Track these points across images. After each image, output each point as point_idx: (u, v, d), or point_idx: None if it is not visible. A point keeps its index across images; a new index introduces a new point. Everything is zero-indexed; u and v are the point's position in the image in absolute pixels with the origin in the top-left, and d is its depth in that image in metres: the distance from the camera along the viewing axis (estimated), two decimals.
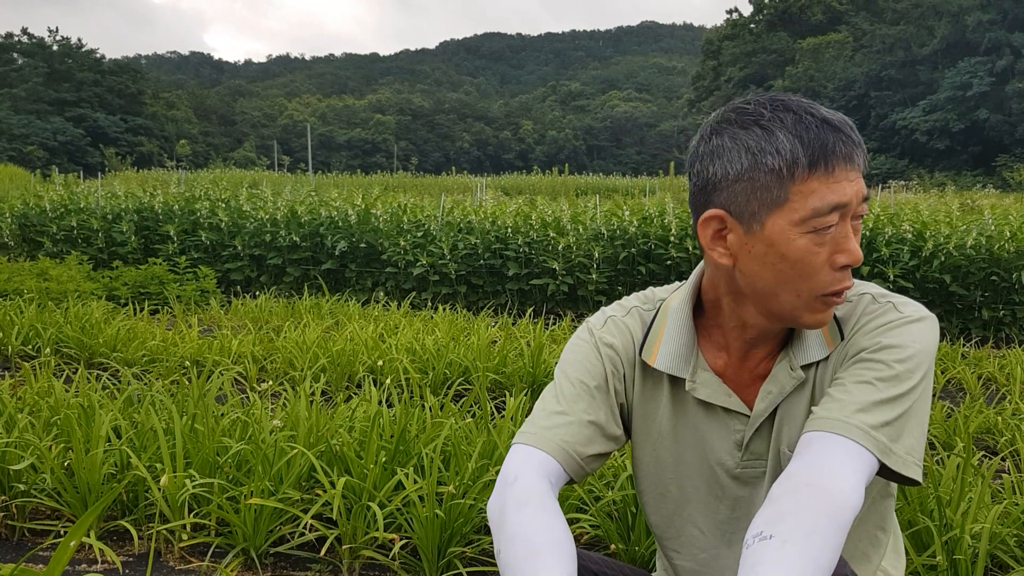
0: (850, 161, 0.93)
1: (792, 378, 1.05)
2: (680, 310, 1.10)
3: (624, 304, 1.18)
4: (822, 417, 0.96)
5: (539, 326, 4.51)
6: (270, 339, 4.56)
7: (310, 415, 2.49)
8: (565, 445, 1.05)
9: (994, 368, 4.43)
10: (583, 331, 1.16)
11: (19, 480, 2.24)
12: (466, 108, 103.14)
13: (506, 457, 1.06)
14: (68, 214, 8.18)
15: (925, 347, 0.99)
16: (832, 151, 0.92)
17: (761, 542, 0.84)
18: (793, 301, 0.98)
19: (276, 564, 2.12)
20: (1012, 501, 2.15)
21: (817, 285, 0.96)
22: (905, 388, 0.96)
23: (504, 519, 0.96)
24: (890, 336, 0.99)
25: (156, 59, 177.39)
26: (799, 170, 0.92)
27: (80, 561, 2.09)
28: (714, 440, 1.10)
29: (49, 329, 4.45)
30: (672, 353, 1.09)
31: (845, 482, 0.88)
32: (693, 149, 1.03)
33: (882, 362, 0.97)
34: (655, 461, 1.15)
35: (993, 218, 6.80)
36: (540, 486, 1.00)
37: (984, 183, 32.12)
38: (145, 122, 65.47)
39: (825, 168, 0.92)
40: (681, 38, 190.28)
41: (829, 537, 0.84)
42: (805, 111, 0.94)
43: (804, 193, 0.93)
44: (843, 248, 0.95)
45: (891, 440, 0.94)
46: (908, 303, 1.04)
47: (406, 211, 7.71)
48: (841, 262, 0.95)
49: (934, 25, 54.46)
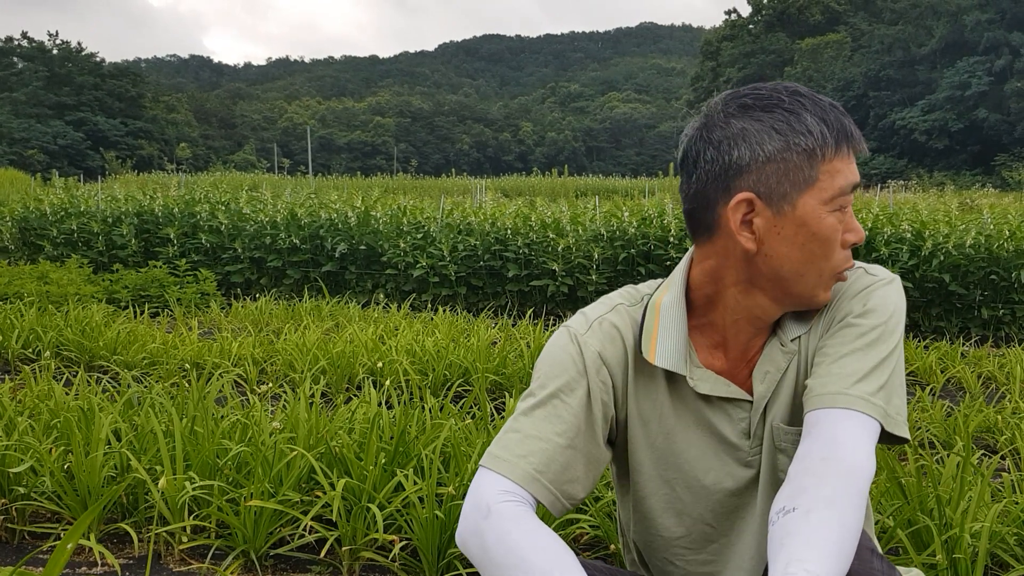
0: (860, 144, 1.00)
1: (785, 354, 1.06)
2: (674, 306, 1.06)
3: (607, 302, 1.13)
4: (823, 394, 0.97)
5: (539, 327, 4.51)
6: (270, 341, 4.56)
7: (310, 417, 2.49)
8: (538, 476, 0.99)
9: (993, 367, 4.43)
10: (563, 337, 1.08)
11: (19, 483, 2.24)
12: (465, 110, 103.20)
13: (475, 479, 1.01)
14: (68, 217, 8.18)
15: (899, 307, 1.04)
16: (851, 133, 0.99)
17: (785, 515, 0.87)
18: (815, 280, 1.01)
19: (276, 566, 2.12)
20: (1012, 500, 2.15)
21: (836, 263, 1.01)
22: (889, 349, 1.00)
23: (489, 555, 0.92)
24: (870, 300, 1.02)
25: (156, 62, 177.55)
26: (828, 150, 0.96)
27: (80, 564, 2.09)
28: (721, 432, 1.09)
29: (49, 332, 4.45)
30: (671, 350, 1.05)
31: (859, 451, 0.92)
32: (696, 136, 1.01)
33: (868, 326, 1.00)
34: (660, 462, 1.12)
35: (992, 217, 6.80)
36: (515, 509, 0.95)
37: (983, 182, 32.14)
38: (145, 125, 65.52)
39: (848, 148, 0.98)
40: (680, 39, 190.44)
41: (849, 504, 0.87)
42: (814, 96, 0.99)
43: (831, 173, 0.97)
44: (851, 227, 1.01)
45: (886, 403, 0.97)
46: (874, 267, 1.08)
47: (406, 213, 7.72)
48: (851, 240, 1.01)
49: (932, 25, 54.50)
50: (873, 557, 0.96)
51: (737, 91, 1.02)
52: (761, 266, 1.00)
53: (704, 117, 1.02)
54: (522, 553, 0.90)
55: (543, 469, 1.00)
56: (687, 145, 1.03)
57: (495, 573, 0.91)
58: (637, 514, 1.17)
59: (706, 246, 1.04)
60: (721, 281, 1.04)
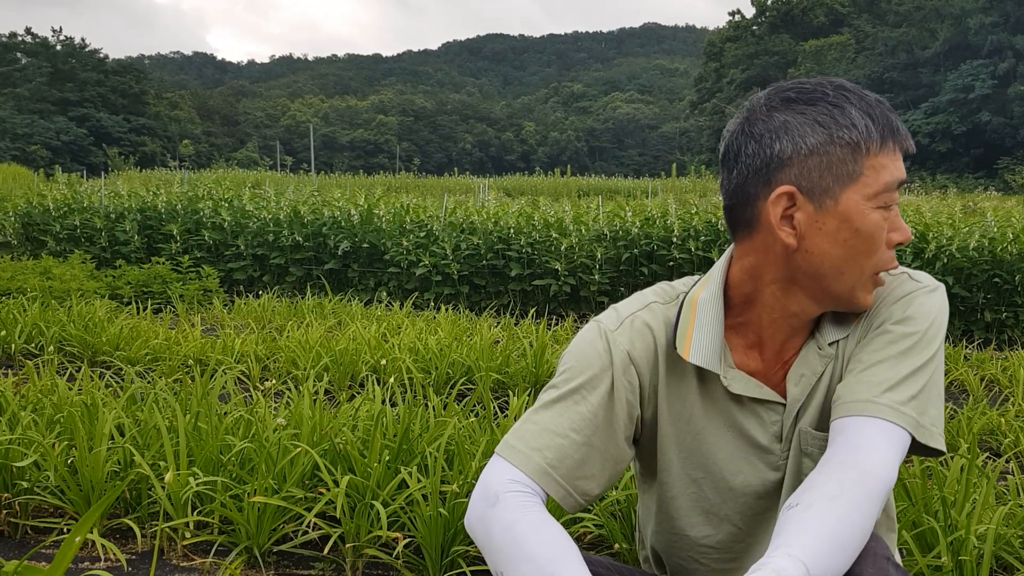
0: (907, 140, 0.98)
1: (822, 357, 1.04)
2: (711, 303, 1.04)
3: (641, 299, 1.11)
4: (850, 401, 0.95)
5: (542, 326, 4.50)
6: (273, 338, 4.56)
7: (314, 413, 2.48)
8: (551, 470, 0.98)
9: (996, 370, 4.42)
10: (593, 332, 1.07)
11: (22, 477, 2.24)
12: (468, 109, 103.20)
13: (487, 466, 1.00)
14: (71, 213, 8.19)
15: (941, 316, 1.01)
16: (897, 129, 0.96)
17: (788, 511, 0.87)
18: (856, 279, 0.98)
19: (279, 562, 2.12)
20: (1017, 503, 2.15)
21: (879, 262, 0.98)
22: (925, 358, 0.97)
23: (493, 542, 0.92)
24: (911, 307, 1.00)
25: (159, 59, 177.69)
26: (873, 145, 0.94)
27: (83, 559, 2.09)
28: (751, 434, 1.07)
29: (52, 328, 4.45)
30: (706, 347, 1.02)
31: (878, 456, 0.90)
32: (738, 131, 0.99)
33: (904, 333, 0.98)
34: (688, 462, 1.10)
35: (996, 220, 6.79)
36: (523, 500, 0.95)
37: (986, 186, 32.08)
38: (148, 122, 65.57)
39: (894, 144, 0.96)
40: (683, 40, 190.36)
41: (854, 503, 0.85)
42: (859, 91, 0.96)
43: (876, 168, 0.95)
44: (896, 226, 0.98)
45: (919, 414, 0.95)
46: (920, 273, 1.05)
47: (409, 211, 7.71)
48: (896, 240, 0.98)
49: (936, 28, 54.42)
50: (890, 565, 0.93)
51: (780, 85, 1.01)
52: (801, 263, 0.98)
53: (746, 111, 1.00)
54: (526, 544, 0.90)
55: (556, 464, 0.99)
56: (728, 140, 1.01)
57: (499, 560, 0.91)
58: (661, 514, 1.16)
59: (745, 243, 1.02)
60: (760, 279, 1.02)
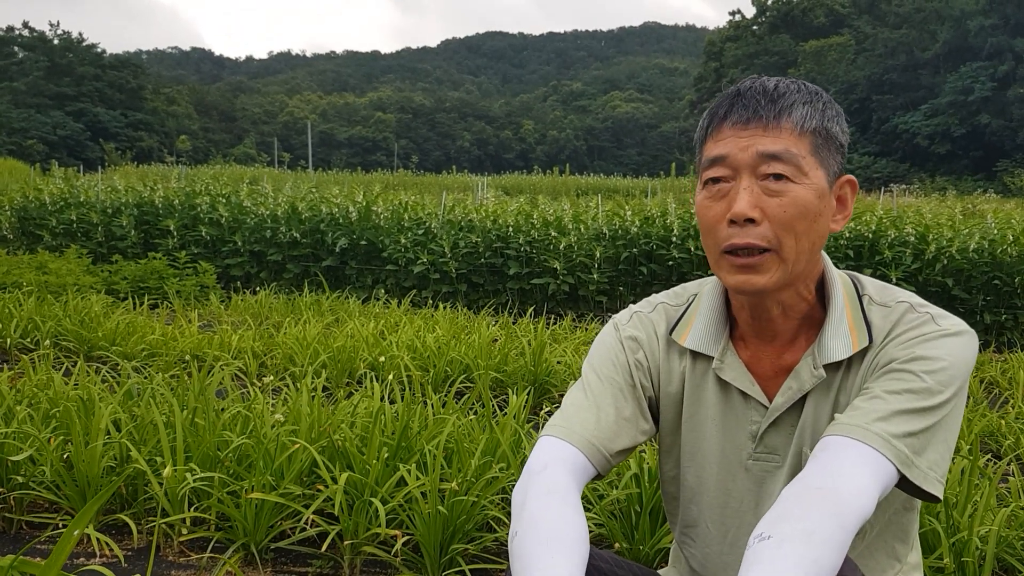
0: (742, 122, 0.98)
1: (813, 376, 1.04)
2: (713, 291, 1.12)
3: (651, 300, 1.21)
4: (842, 423, 0.94)
5: (540, 325, 4.49)
6: (270, 335, 4.54)
7: (312, 410, 2.47)
8: (593, 439, 1.07)
9: (996, 372, 4.42)
10: (609, 327, 1.19)
11: (18, 472, 2.22)
12: (467, 107, 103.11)
13: (534, 448, 1.08)
14: (68, 208, 8.16)
15: (960, 362, 0.96)
16: (729, 109, 1.00)
17: (760, 542, 0.83)
18: (712, 259, 1.03)
19: (276, 559, 2.10)
20: (1018, 505, 2.14)
21: (717, 240, 1.00)
22: (935, 402, 0.94)
23: (526, 504, 0.97)
24: (924, 348, 0.97)
25: (157, 55, 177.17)
26: (703, 134, 1.04)
27: (79, 555, 2.07)
28: (730, 429, 1.10)
29: (48, 322, 4.43)
30: (702, 331, 1.10)
31: (855, 485, 0.87)
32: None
33: (913, 373, 0.95)
34: (678, 448, 1.16)
35: (996, 222, 6.79)
36: (566, 479, 1.01)
37: (985, 188, 32.10)
38: (145, 117, 65.35)
39: (721, 123, 1.00)
40: (683, 39, 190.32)
41: (829, 538, 0.82)
42: (744, 85, 1.02)
43: (705, 152, 1.03)
44: (732, 201, 1.00)
45: (914, 452, 0.92)
46: (947, 316, 1.01)
47: (407, 209, 7.70)
48: (730, 214, 0.99)
49: (936, 29, 54.46)
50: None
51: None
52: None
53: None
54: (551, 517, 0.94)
55: (597, 434, 1.08)
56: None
57: (519, 520, 0.96)
58: (666, 495, 1.24)
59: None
60: None
